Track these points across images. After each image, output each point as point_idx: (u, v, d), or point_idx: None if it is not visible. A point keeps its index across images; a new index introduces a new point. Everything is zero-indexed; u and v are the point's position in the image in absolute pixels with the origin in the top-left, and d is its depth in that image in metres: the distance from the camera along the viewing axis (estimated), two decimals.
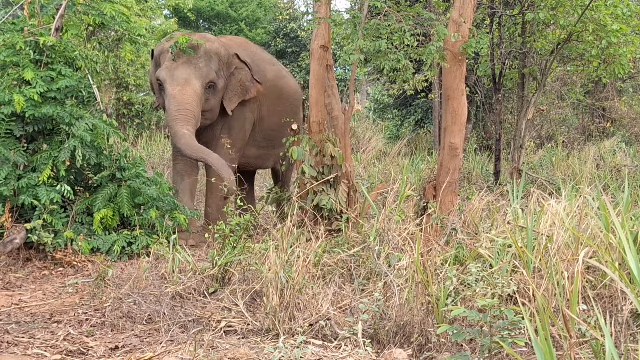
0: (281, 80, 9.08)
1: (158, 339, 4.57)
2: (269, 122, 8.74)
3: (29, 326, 4.87)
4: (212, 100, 7.95)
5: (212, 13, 20.71)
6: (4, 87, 6.95)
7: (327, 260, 5.55)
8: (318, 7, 6.98)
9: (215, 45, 8.03)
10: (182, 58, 7.72)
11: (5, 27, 7.45)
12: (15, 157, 6.82)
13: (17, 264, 6.54)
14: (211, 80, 7.83)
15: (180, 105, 7.55)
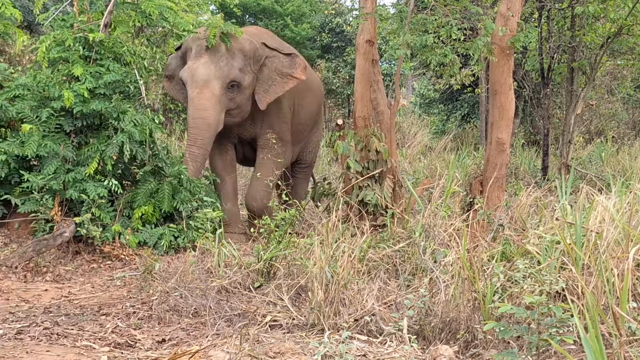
0: (310, 72, 8.76)
1: (204, 332, 4.60)
2: (298, 116, 8.56)
3: (78, 318, 4.93)
4: (238, 99, 7.69)
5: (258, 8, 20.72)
6: (54, 83, 7.05)
7: (372, 255, 5.54)
8: (364, 2, 6.94)
9: (239, 40, 7.70)
10: (204, 57, 7.52)
11: (55, 24, 7.55)
12: (65, 151, 6.91)
13: (67, 257, 6.63)
14: (233, 79, 7.55)
15: (196, 113, 7.41)
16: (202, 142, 7.42)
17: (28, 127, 6.82)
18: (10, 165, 6.81)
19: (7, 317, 4.94)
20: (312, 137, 9.20)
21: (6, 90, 7.24)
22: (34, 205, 6.72)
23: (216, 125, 7.47)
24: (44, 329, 4.66)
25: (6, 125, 7.18)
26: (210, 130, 7.43)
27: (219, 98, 7.44)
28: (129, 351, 4.35)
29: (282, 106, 8.20)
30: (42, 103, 7.11)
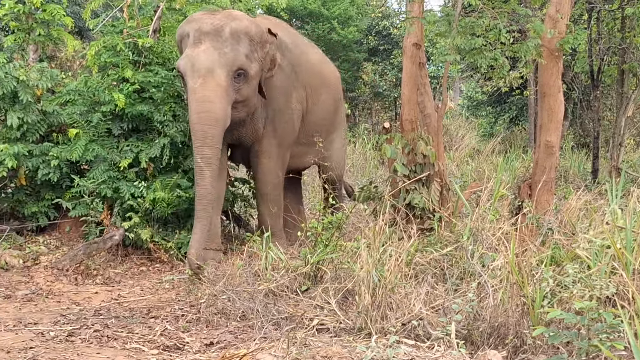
0: (324, 65, 8.09)
1: (252, 335, 4.62)
2: (312, 114, 7.64)
3: (127, 321, 4.99)
4: (244, 90, 6.65)
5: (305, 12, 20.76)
6: (104, 88, 7.15)
7: (419, 259, 5.51)
8: (411, 6, 6.92)
9: (244, 23, 6.68)
10: (204, 43, 6.48)
11: (105, 30, 7.66)
12: (113, 155, 7.00)
13: (116, 260, 6.72)
14: (239, 67, 6.51)
15: (200, 106, 6.31)
16: (212, 140, 6.32)
17: (74, 132, 6.92)
18: (62, 169, 6.92)
19: (59, 319, 5.02)
20: (332, 139, 8.13)
21: (58, 95, 7.37)
22: (85, 209, 6.83)
23: (224, 120, 6.43)
24: (94, 331, 4.73)
25: (58, 130, 7.30)
26: (219, 125, 6.37)
27: (226, 89, 6.42)
28: (177, 354, 4.39)
29: (291, 100, 7.29)
30: (92, 108, 7.22)
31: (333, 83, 8.11)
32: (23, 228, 7.17)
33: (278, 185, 7.30)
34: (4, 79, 6.85)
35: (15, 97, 6.98)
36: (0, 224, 7.16)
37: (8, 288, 5.89)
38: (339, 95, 8.27)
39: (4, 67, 6.88)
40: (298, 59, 7.38)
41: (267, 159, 7.17)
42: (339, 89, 8.29)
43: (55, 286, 6.07)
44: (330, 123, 8.12)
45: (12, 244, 6.83)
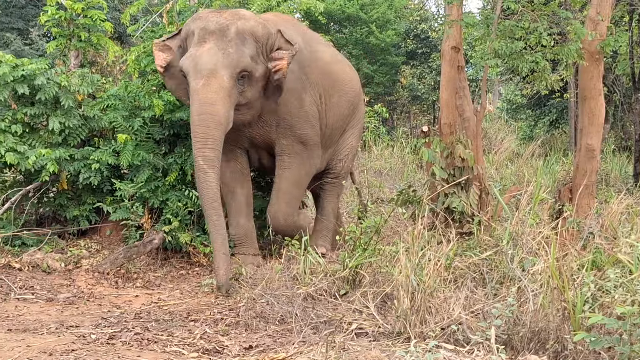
0: (338, 65, 7.58)
1: (290, 339, 4.63)
2: (325, 116, 7.28)
3: (167, 324, 5.03)
4: (249, 93, 6.43)
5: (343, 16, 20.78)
6: (145, 93, 7.22)
7: (458, 263, 5.48)
8: (450, 9, 6.89)
9: (251, 23, 6.43)
10: (208, 41, 6.28)
11: (145, 35, 7.73)
12: (155, 160, 7.06)
13: (156, 263, 6.77)
14: (243, 68, 6.29)
15: (202, 108, 6.12)
16: (213, 142, 6.13)
17: (124, 137, 6.99)
18: (103, 173, 6.99)
19: (100, 322, 5.06)
20: (345, 143, 7.82)
21: (99, 100, 7.45)
22: (125, 213, 6.89)
23: (226, 123, 6.24)
24: (134, 334, 4.77)
25: (98, 134, 7.39)
26: (221, 128, 6.17)
27: (229, 91, 6.22)
28: (216, 357, 4.41)
29: (304, 102, 6.96)
30: (132, 113, 7.31)
31: (347, 84, 7.59)
32: (65, 232, 7.26)
33: (298, 184, 7.01)
34: (46, 84, 6.93)
35: (57, 103, 7.07)
36: (43, 227, 7.26)
37: (50, 291, 5.97)
38: (354, 96, 7.74)
39: (46, 72, 6.97)
40: (308, 59, 7.04)
41: (287, 155, 6.92)
42: (354, 90, 7.75)
43: (96, 289, 6.13)
44: (342, 127, 7.70)
45: (54, 248, 6.92)
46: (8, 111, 7.05)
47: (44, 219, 7.49)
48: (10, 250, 6.71)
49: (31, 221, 7.37)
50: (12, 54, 7.22)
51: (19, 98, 7.02)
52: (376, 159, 15.04)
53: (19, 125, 6.96)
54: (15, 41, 15.86)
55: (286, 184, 6.92)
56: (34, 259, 6.53)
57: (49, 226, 7.34)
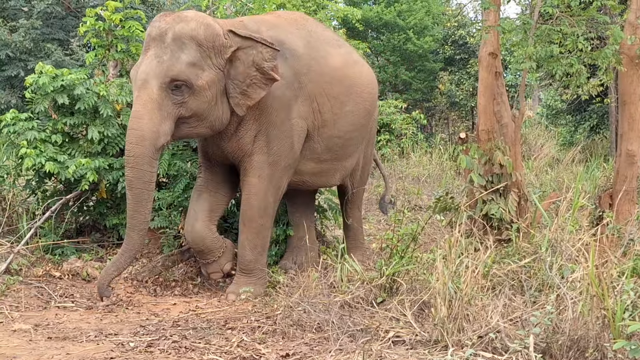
0: (351, 69, 6.80)
1: (327, 347, 4.62)
2: (334, 128, 6.63)
3: (205, 332, 5.04)
4: (192, 103, 5.74)
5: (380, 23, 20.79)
6: None
7: (496, 271, 5.44)
8: (487, 14, 6.86)
9: (191, 25, 5.75)
10: (150, 49, 5.77)
11: None
12: (192, 169, 7.10)
13: (194, 271, 6.80)
14: (174, 77, 5.64)
15: (130, 122, 5.69)
16: (135, 160, 5.61)
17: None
18: None
19: (138, 330, 5.10)
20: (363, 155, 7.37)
21: None
22: (163, 221, 6.93)
23: (153, 139, 5.61)
24: (172, 342, 4.79)
25: None
26: (144, 144, 5.58)
27: (159, 103, 5.62)
28: None
29: (291, 114, 6.25)
30: None
31: (363, 89, 6.90)
32: (104, 240, 7.33)
33: (266, 212, 6.26)
34: (85, 94, 7.01)
35: (96, 112, 7.14)
36: (82, 236, 7.34)
37: (90, 299, 6.02)
38: (372, 102, 7.12)
39: (85, 82, 7.05)
40: (307, 66, 6.33)
41: (256, 178, 6.18)
42: (372, 95, 7.09)
43: (135, 297, 6.18)
44: (361, 135, 7.09)
45: (93, 256, 6.99)
46: (48, 121, 7.14)
47: (83, 227, 7.57)
48: (50, 259, 6.79)
49: (71, 230, 7.46)
50: (53, 65, 7.34)
51: (59, 108, 7.11)
52: (414, 165, 15.01)
53: (59, 135, 7.05)
54: (55, 52, 16.09)
55: (254, 213, 6.21)
56: (74, 267, 6.60)
57: (88, 235, 7.42)
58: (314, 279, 5.59)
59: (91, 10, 7.70)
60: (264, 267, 6.35)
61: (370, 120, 7.15)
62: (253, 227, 6.21)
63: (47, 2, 16.73)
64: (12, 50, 16.15)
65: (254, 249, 6.23)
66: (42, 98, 7.01)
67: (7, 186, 7.43)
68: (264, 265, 6.35)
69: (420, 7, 21.12)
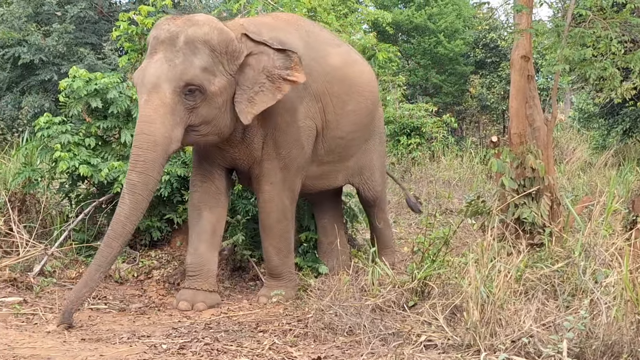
0: (351, 68, 6.67)
1: (359, 351, 4.61)
2: (336, 128, 6.50)
3: (236, 335, 5.06)
4: (203, 110, 5.64)
5: (411, 26, 20.79)
6: None
7: (529, 275, 5.40)
8: (519, 18, 6.82)
9: (204, 29, 5.64)
10: (158, 52, 5.62)
11: None
12: None
13: (225, 274, 6.83)
14: (189, 82, 5.52)
15: (139, 127, 5.51)
16: (143, 166, 5.44)
17: (191, 148, 7.08)
18: (172, 185, 7.08)
19: (171, 332, 5.13)
20: (368, 156, 7.10)
21: None
22: None
23: (166, 144, 5.49)
24: (204, 344, 4.81)
25: None
26: (157, 150, 5.46)
27: (172, 108, 5.49)
28: None
29: (298, 116, 6.14)
30: None
31: (364, 88, 6.75)
32: (136, 242, 7.37)
33: (285, 217, 6.23)
34: (118, 98, 7.07)
35: (128, 116, 7.20)
36: None
37: (122, 301, 6.07)
38: (373, 101, 6.93)
39: (118, 86, 7.10)
40: (308, 66, 6.08)
41: (269, 184, 6.12)
42: (373, 94, 6.93)
43: (167, 299, 6.22)
44: (363, 135, 6.93)
45: (125, 258, 7.04)
46: (82, 124, 7.20)
47: None
48: (83, 261, 6.85)
49: (103, 232, 7.48)
50: (85, 69, 7.38)
51: (92, 111, 7.17)
52: (445, 169, 14.97)
53: (92, 139, 7.11)
54: (88, 56, 16.24)
55: (272, 220, 6.17)
56: None
57: None
58: (345, 283, 5.59)
59: (124, 15, 7.75)
60: (291, 269, 6.33)
61: (373, 118, 6.99)
62: (274, 233, 6.18)
63: (80, 7, 16.91)
64: (45, 55, 16.33)
65: (278, 252, 6.20)
66: (75, 102, 7.08)
67: (41, 189, 7.51)
68: (291, 268, 6.33)
69: (451, 10, 21.08)
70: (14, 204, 7.17)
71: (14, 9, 16.98)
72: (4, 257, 6.52)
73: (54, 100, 15.68)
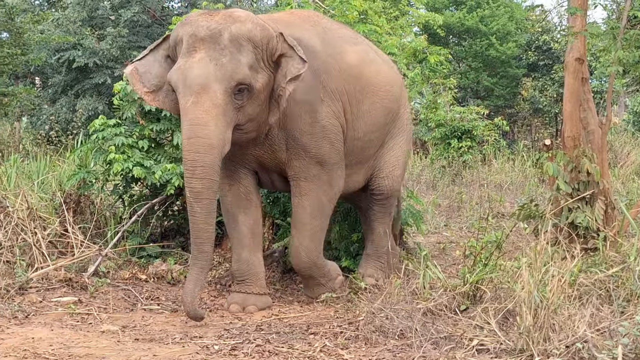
0: (367, 67, 6.38)
1: (411, 354, 4.60)
2: (352, 129, 6.24)
3: (288, 337, 5.07)
4: (249, 108, 5.50)
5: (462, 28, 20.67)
6: None
7: (583, 280, 5.34)
8: (573, 20, 6.74)
9: (247, 26, 5.46)
10: (199, 51, 5.37)
11: None
12: None
13: (276, 276, 6.85)
14: (240, 81, 5.36)
15: (192, 131, 5.28)
16: (202, 171, 5.29)
17: None
18: None
19: (222, 333, 5.17)
20: (386, 157, 6.76)
21: None
22: None
23: (221, 147, 5.35)
24: (256, 346, 4.83)
25: None
26: (213, 152, 5.31)
27: (223, 108, 5.32)
28: None
29: (319, 116, 5.90)
30: None
31: (380, 88, 6.43)
32: (187, 244, 7.43)
33: (321, 213, 6.04)
34: None
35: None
36: (167, 240, 7.47)
37: (175, 302, 6.13)
38: (392, 101, 6.60)
39: None
40: (326, 64, 5.98)
41: (304, 180, 5.94)
42: (392, 94, 6.58)
43: (219, 301, 6.26)
44: (381, 134, 6.63)
45: (177, 260, 7.10)
46: (136, 127, 7.30)
47: (168, 231, 7.70)
48: (137, 262, 6.94)
49: (156, 234, 7.59)
50: None
51: (146, 114, 7.25)
52: (496, 172, 14.85)
53: (145, 141, 7.20)
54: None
55: (306, 215, 5.97)
56: (159, 270, 6.72)
57: (172, 239, 7.54)
58: (396, 286, 5.57)
59: (177, 19, 7.80)
60: (323, 267, 6.12)
61: (394, 118, 6.68)
62: (307, 230, 5.96)
63: (133, 11, 17.14)
64: (99, 58, 16.59)
65: (308, 253, 5.99)
66: (129, 104, 7.17)
67: (96, 191, 7.61)
68: (322, 266, 6.11)
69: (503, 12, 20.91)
70: (69, 205, 7.28)
71: (70, 13, 17.29)
72: (60, 258, 6.63)
73: (107, 103, 15.90)
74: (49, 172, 9.69)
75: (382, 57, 6.81)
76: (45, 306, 5.75)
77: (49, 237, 6.78)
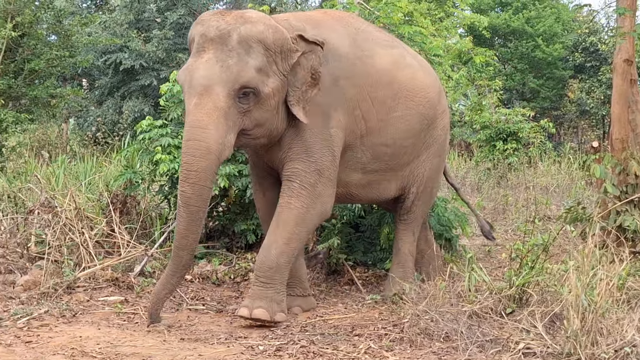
0: (400, 72, 6.09)
1: (456, 357, 4.58)
2: (380, 135, 5.97)
3: (332, 338, 5.07)
4: (256, 113, 5.29)
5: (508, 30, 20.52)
6: None
7: (632, 284, 5.27)
8: (622, 20, 6.67)
9: (258, 27, 5.28)
10: (208, 51, 5.25)
11: None
12: None
13: (320, 277, 6.87)
14: (245, 84, 5.17)
15: (190, 133, 5.12)
16: (196, 176, 5.09)
17: None
18: None
19: (267, 334, 5.18)
20: (420, 169, 6.40)
21: None
22: None
23: (219, 151, 5.13)
24: (300, 347, 4.84)
25: None
26: (210, 158, 5.10)
27: (225, 112, 5.13)
28: None
29: (330, 122, 5.66)
30: None
31: (415, 93, 6.16)
32: (232, 245, 7.47)
33: (304, 221, 5.59)
34: None
35: None
36: (212, 241, 7.51)
37: (220, 302, 6.16)
38: (429, 108, 6.30)
39: None
40: (350, 67, 5.77)
41: (297, 182, 5.58)
42: (428, 100, 6.29)
43: None
44: (419, 141, 6.32)
45: (222, 261, 7.13)
46: (182, 128, 7.33)
47: (213, 232, 7.74)
48: None
49: (201, 235, 7.62)
50: None
51: None
52: (542, 175, 14.70)
53: None
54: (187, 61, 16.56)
55: (291, 217, 5.53)
56: (204, 271, 6.77)
57: (217, 239, 7.58)
58: (441, 288, 5.54)
59: None
60: (284, 281, 5.57)
61: (430, 125, 6.35)
62: (287, 232, 5.50)
63: (179, 13, 17.29)
64: (145, 60, 16.76)
65: (279, 255, 5.47)
66: (175, 105, 7.23)
67: (142, 191, 7.68)
68: (284, 280, 5.57)
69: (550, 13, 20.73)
70: (115, 206, 7.37)
71: (117, 16, 17.51)
72: (106, 257, 6.71)
73: (153, 105, 16.05)
74: (96, 172, 9.82)
75: (421, 62, 6.56)
76: (92, 305, 5.83)
77: (96, 237, 6.87)
